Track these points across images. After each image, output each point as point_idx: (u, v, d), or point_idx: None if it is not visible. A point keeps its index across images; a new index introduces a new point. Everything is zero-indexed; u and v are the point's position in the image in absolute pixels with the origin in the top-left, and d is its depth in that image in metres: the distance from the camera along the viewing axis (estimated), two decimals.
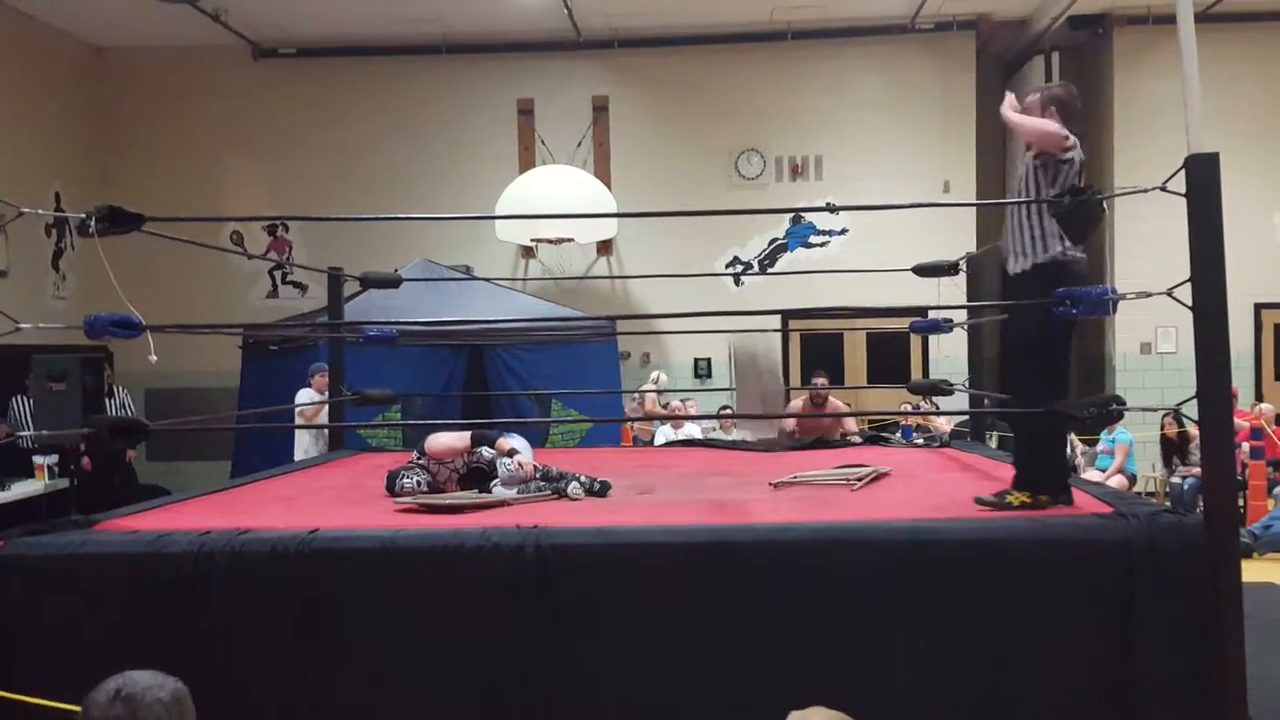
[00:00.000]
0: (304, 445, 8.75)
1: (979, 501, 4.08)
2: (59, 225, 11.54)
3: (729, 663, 3.55)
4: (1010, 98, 4.23)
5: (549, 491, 4.75)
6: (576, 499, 4.67)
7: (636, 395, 10.34)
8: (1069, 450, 9.90)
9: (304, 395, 8.77)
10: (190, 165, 12.50)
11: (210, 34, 11.81)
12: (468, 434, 5.00)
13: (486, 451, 4.97)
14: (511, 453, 4.89)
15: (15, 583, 3.64)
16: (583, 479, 4.82)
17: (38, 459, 9.17)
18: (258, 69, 12.67)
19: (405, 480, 4.88)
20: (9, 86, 10.95)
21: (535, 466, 4.87)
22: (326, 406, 8.31)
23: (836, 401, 9.11)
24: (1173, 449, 10.32)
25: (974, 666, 3.52)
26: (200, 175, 12.45)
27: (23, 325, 3.74)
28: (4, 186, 9.89)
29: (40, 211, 4.18)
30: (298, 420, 8.47)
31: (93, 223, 3.78)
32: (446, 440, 4.98)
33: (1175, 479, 10.09)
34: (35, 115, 11.42)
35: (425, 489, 4.84)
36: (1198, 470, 7.48)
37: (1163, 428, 10.27)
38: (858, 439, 7.42)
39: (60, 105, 11.95)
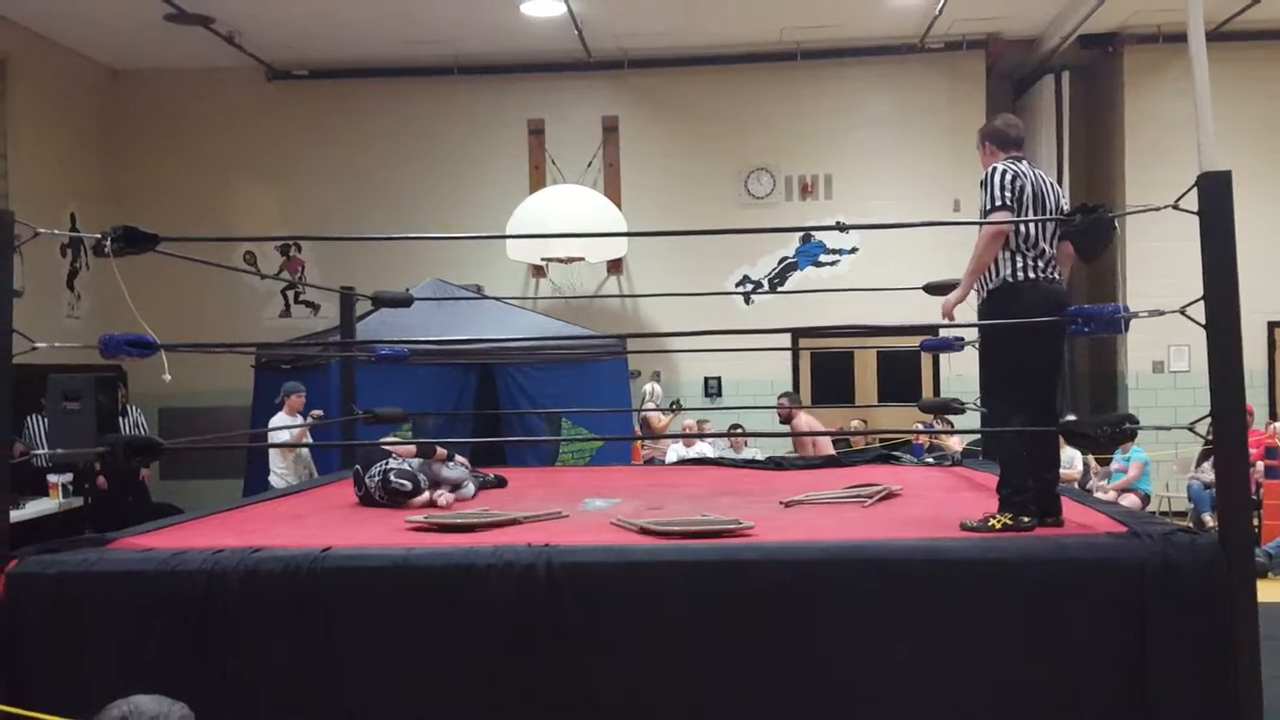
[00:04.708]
0: (279, 470, 8.69)
1: (964, 527, 4.01)
2: (74, 245, 11.60)
3: (740, 681, 3.54)
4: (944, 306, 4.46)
5: (481, 481, 5.81)
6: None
7: (639, 417, 10.32)
8: (1084, 472, 9.91)
9: (278, 419, 8.77)
10: (204, 186, 12.56)
11: (224, 56, 11.91)
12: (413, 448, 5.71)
13: (412, 463, 5.40)
14: (452, 456, 5.64)
15: (30, 601, 3.66)
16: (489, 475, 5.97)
17: (52, 478, 9.17)
18: (271, 91, 12.75)
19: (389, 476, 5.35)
20: (26, 108, 11.05)
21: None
22: (308, 427, 8.41)
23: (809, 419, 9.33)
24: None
25: (986, 686, 3.50)
26: (214, 196, 12.52)
27: (38, 344, 3.75)
28: (20, 207, 9.96)
29: (56, 232, 4.20)
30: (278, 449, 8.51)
31: (108, 243, 3.81)
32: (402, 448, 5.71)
33: (1191, 480, 10.08)
34: (51, 137, 11.51)
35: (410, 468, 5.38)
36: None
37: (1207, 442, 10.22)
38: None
39: (76, 127, 12.04)
